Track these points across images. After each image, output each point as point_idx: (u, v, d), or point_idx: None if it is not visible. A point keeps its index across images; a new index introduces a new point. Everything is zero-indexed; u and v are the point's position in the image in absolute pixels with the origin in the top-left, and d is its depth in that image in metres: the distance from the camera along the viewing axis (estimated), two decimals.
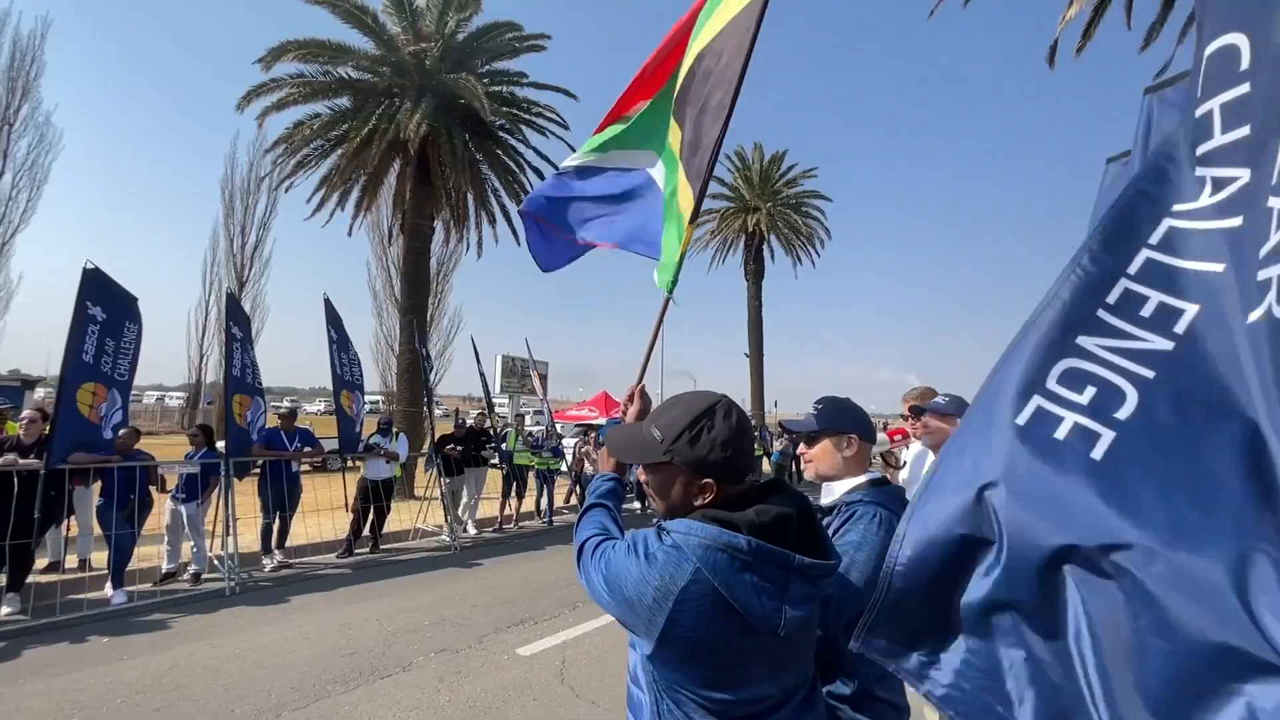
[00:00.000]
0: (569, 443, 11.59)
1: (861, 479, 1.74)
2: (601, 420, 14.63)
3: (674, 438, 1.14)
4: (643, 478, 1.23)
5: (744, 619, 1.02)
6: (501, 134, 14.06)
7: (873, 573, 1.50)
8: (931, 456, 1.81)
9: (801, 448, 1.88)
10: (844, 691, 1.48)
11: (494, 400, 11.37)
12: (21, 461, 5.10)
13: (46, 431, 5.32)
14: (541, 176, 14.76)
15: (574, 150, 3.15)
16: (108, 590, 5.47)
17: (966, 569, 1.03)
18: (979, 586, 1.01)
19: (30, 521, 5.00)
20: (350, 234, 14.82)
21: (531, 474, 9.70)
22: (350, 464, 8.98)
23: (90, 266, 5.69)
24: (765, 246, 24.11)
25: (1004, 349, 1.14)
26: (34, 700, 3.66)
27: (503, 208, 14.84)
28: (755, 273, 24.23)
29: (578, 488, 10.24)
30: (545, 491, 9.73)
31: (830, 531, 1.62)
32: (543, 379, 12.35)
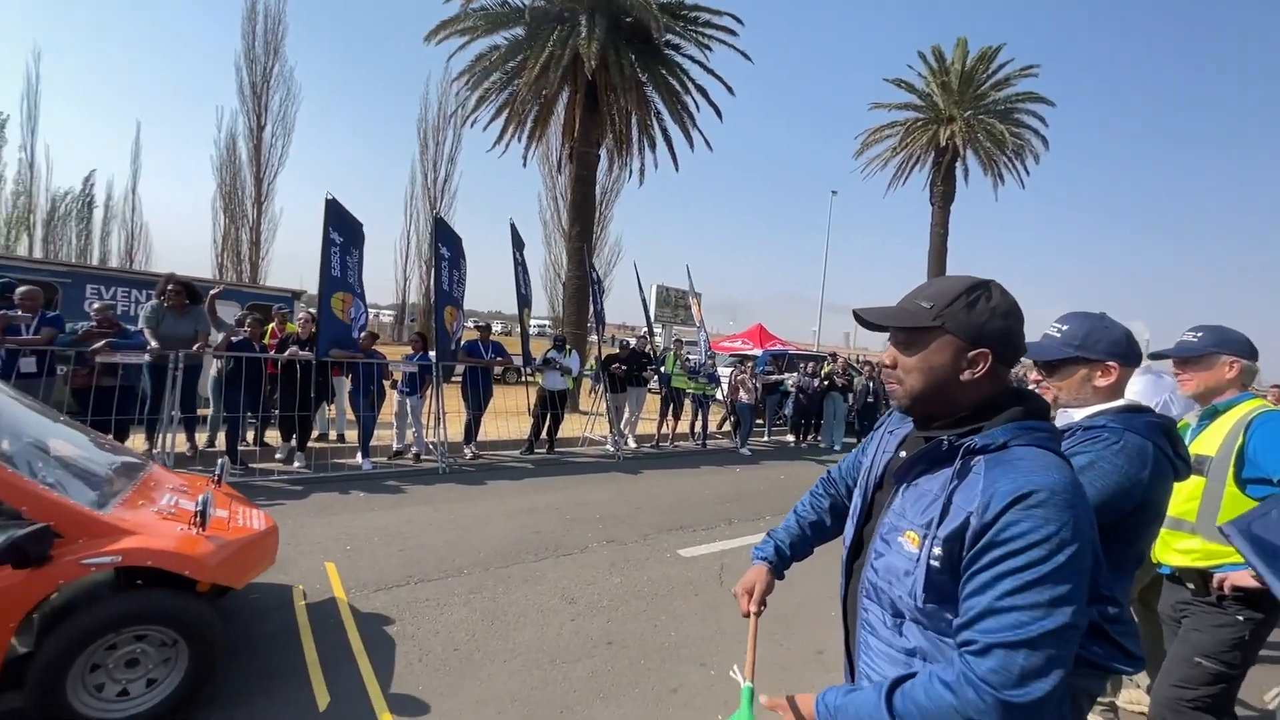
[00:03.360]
0: (724, 371, 11.69)
1: (1112, 404, 1.52)
2: (756, 351, 14.47)
3: (947, 303, 1.03)
4: (889, 360, 1.11)
5: None
6: (668, 51, 13.66)
7: (1097, 498, 1.33)
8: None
9: (1036, 374, 1.67)
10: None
11: (650, 328, 11.77)
12: (300, 353, 6.51)
13: (315, 330, 6.69)
14: (706, 95, 14.20)
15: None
16: (358, 458, 6.90)
17: None
18: None
19: (309, 399, 6.44)
20: (525, 164, 15.79)
21: (688, 398, 10.04)
22: (524, 378, 10.04)
23: (330, 197, 6.82)
24: (959, 164, 20.87)
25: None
26: (320, 530, 4.82)
27: (664, 131, 14.67)
28: (943, 195, 21.26)
29: (731, 415, 10.38)
30: (700, 415, 10.03)
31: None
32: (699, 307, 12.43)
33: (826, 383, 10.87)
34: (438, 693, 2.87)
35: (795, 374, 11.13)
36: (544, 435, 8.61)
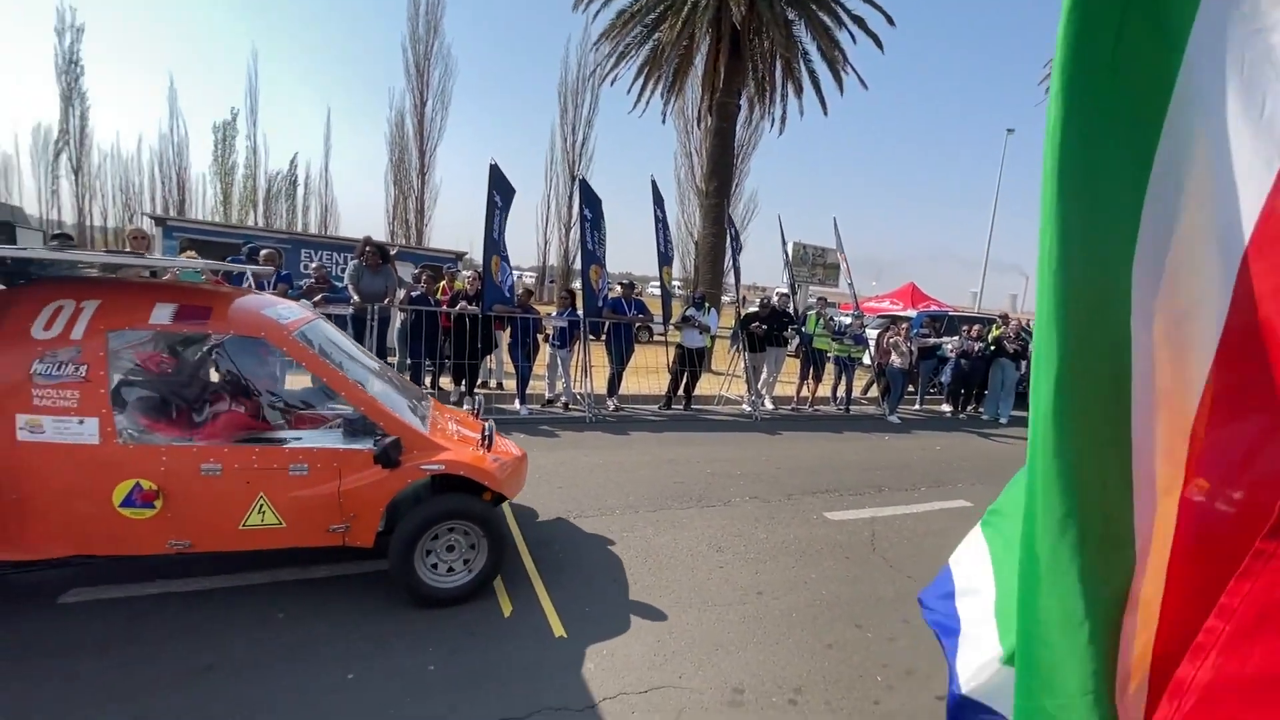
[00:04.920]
0: (870, 333, 10.93)
1: None
2: (909, 312, 13.29)
3: None
4: None
5: None
6: None
7: None
8: None
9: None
10: None
11: (792, 286, 11.27)
12: (469, 307, 7.21)
13: (479, 287, 7.34)
14: (865, 27, 12.88)
15: None
16: (516, 404, 7.57)
17: None
18: None
19: (476, 349, 7.15)
20: (664, 120, 15.64)
21: (830, 361, 9.57)
22: (655, 337, 10.20)
23: (492, 162, 7.31)
24: None
25: None
26: None
27: (811, 73, 13.64)
28: None
29: (880, 379, 9.72)
30: (844, 379, 9.53)
31: None
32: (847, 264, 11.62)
33: (994, 348, 9.70)
34: (602, 615, 3.12)
35: (956, 337, 10.06)
36: (680, 392, 8.76)
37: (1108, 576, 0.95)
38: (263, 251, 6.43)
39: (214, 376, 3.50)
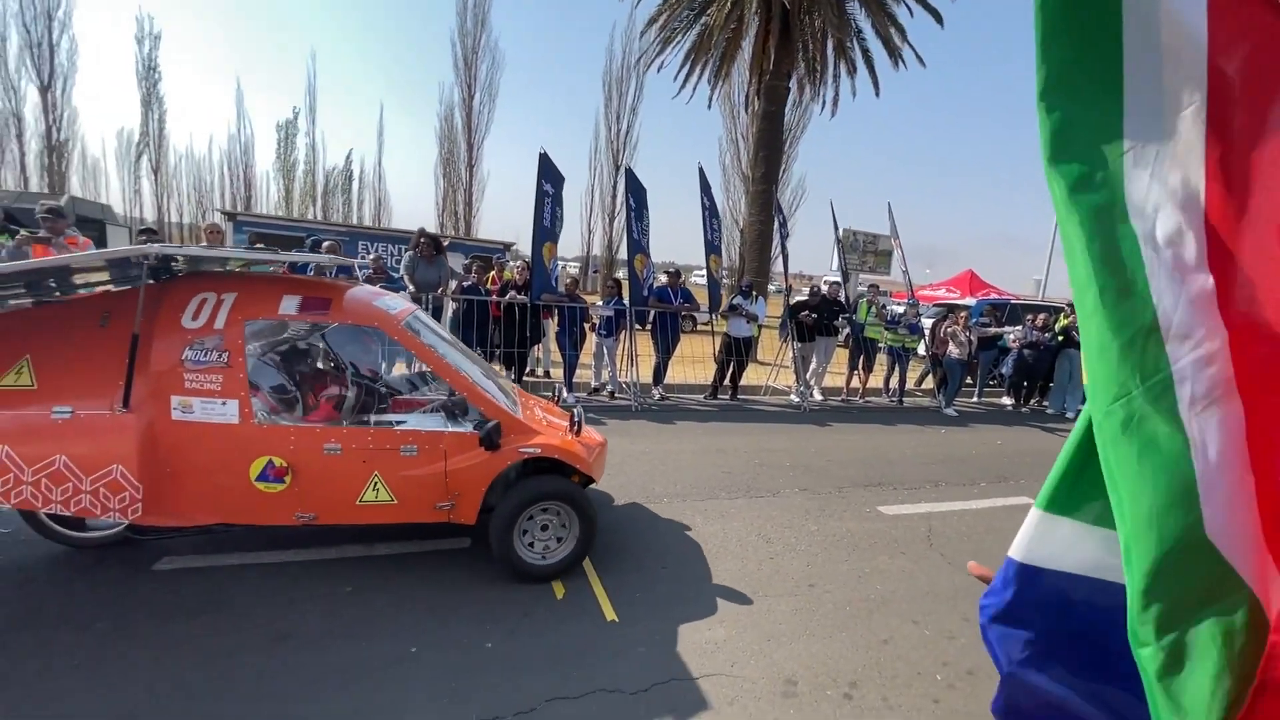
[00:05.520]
0: (926, 322, 10.51)
1: None
2: (967, 300, 12.69)
3: None
4: None
5: None
6: None
7: None
8: None
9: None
10: None
11: (844, 273, 10.94)
12: (518, 297, 7.33)
13: (528, 277, 7.45)
14: (924, 2, 12.27)
15: None
16: (563, 392, 7.67)
17: None
18: None
19: (525, 337, 7.28)
20: (710, 106, 15.43)
21: (881, 350, 9.27)
22: (699, 326, 10.11)
23: (542, 151, 7.36)
24: None
25: None
26: None
27: (865, 52, 13.13)
28: None
29: (936, 370, 9.35)
30: (897, 369, 9.22)
31: None
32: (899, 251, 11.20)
33: (1062, 338, 9.17)
34: (652, 601, 3.14)
35: (1019, 327, 9.56)
36: (726, 382, 8.68)
37: None
38: (325, 244, 6.72)
39: (325, 363, 3.76)
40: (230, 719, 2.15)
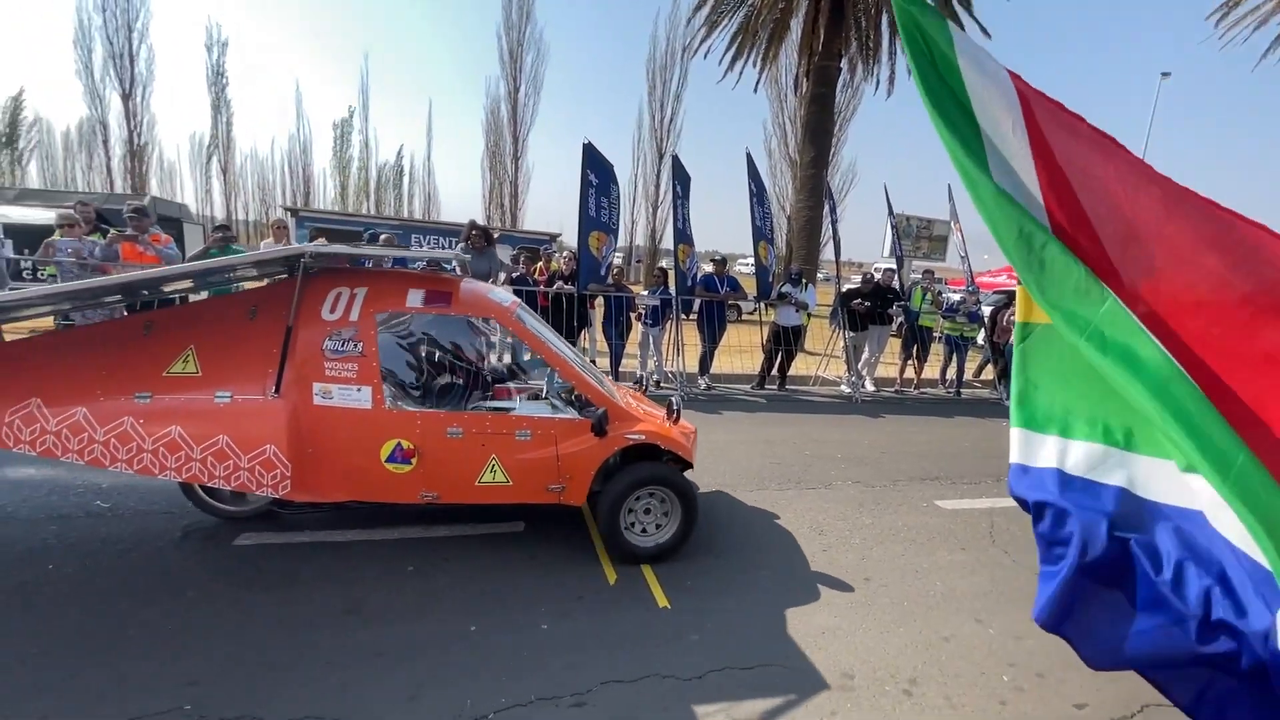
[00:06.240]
0: (986, 310, 10.02)
1: None
2: None
3: None
4: None
5: None
6: None
7: None
8: None
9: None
10: None
11: (899, 259, 10.53)
12: (565, 287, 7.40)
13: (575, 267, 7.51)
14: None
15: None
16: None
17: None
18: None
19: (572, 327, 7.34)
20: (756, 90, 15.10)
21: (937, 340, 8.90)
22: (743, 316, 9.94)
23: (586, 142, 7.37)
24: None
25: None
26: None
27: None
28: None
29: (997, 360, 8.92)
30: (955, 359, 8.84)
31: None
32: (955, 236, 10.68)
33: None
34: (704, 589, 3.13)
35: None
36: (775, 372, 8.53)
37: None
38: (382, 236, 6.96)
39: (441, 352, 3.95)
40: (305, 685, 2.28)
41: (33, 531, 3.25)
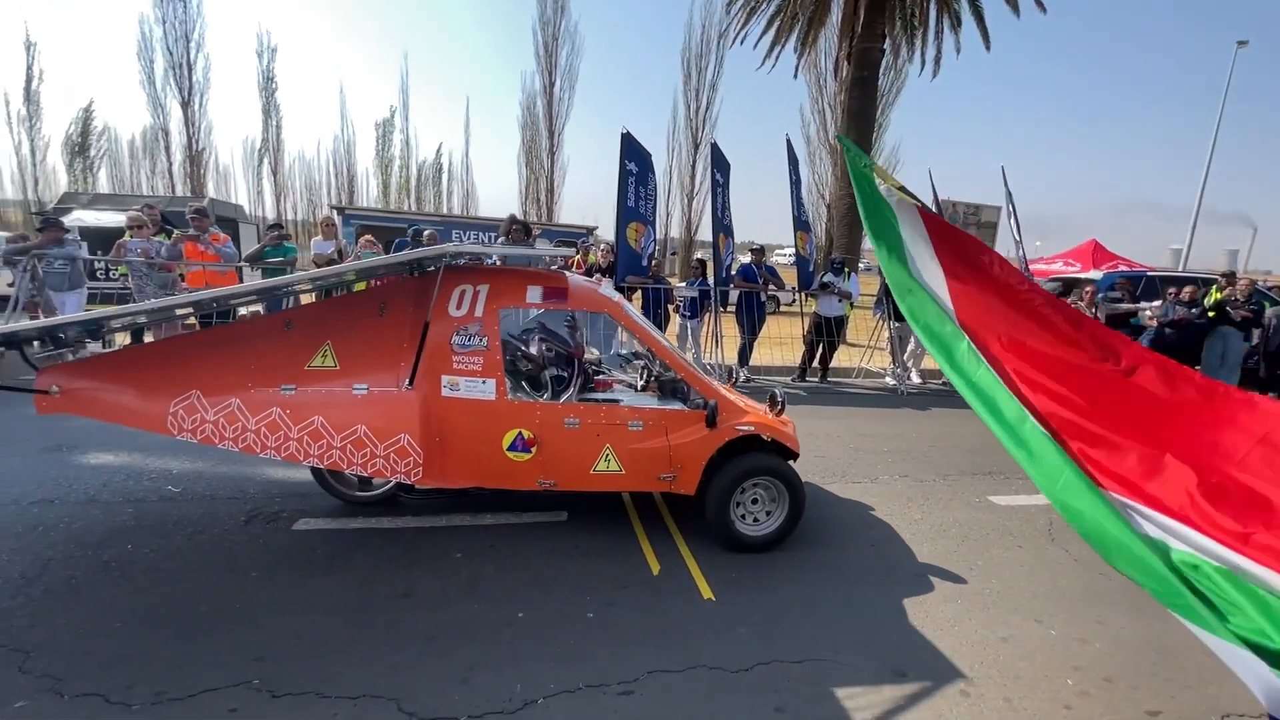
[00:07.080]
0: None
1: None
2: (1091, 274, 11.37)
3: None
4: None
5: None
6: None
7: None
8: None
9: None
10: None
11: None
12: (603, 279, 7.41)
13: (613, 260, 7.51)
14: None
15: None
16: None
17: None
18: None
19: None
20: (795, 75, 14.75)
21: None
22: (781, 307, 9.72)
23: (625, 131, 7.34)
24: None
25: None
26: None
27: (973, 2, 11.95)
28: None
29: None
30: None
31: None
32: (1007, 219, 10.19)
33: (1214, 313, 8.01)
34: (749, 582, 3.10)
35: (1158, 302, 8.46)
36: (816, 363, 8.36)
37: None
38: (425, 233, 7.12)
39: (553, 345, 4.05)
40: (363, 666, 2.36)
41: (113, 514, 3.47)
